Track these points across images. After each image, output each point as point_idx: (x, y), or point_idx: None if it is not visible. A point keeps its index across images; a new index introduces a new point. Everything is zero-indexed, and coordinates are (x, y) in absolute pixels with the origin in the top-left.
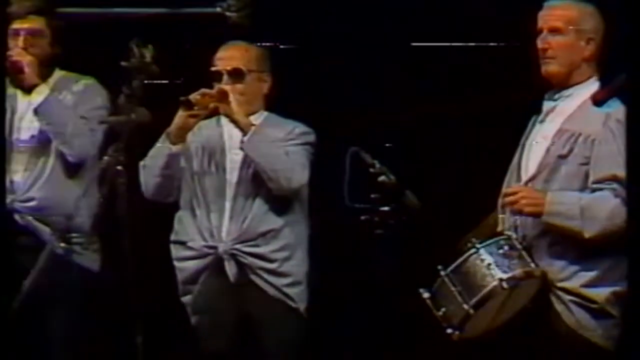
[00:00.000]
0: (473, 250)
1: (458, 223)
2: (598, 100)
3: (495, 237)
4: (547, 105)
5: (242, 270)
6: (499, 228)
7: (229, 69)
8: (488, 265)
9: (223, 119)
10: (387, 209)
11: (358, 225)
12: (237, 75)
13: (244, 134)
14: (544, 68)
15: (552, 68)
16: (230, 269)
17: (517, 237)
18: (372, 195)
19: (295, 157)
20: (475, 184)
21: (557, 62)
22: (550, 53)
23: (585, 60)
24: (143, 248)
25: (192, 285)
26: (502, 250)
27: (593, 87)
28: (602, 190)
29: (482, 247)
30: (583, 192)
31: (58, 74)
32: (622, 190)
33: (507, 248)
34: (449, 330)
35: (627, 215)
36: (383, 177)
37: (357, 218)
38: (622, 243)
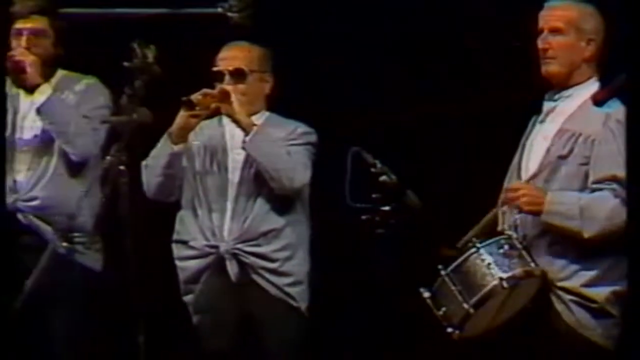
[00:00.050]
0: (473, 250)
1: (458, 223)
2: (598, 101)
3: (496, 236)
4: (547, 106)
5: (243, 270)
6: (499, 227)
7: (231, 69)
8: (488, 265)
9: (225, 119)
10: (388, 209)
11: (359, 225)
12: (239, 76)
13: (246, 134)
14: (544, 68)
15: (552, 68)
16: (232, 269)
17: (517, 236)
18: (373, 195)
19: (297, 157)
20: (475, 184)
21: (557, 62)
22: (551, 53)
23: (586, 61)
24: (145, 247)
25: (193, 285)
26: (502, 250)
27: (593, 87)
28: (601, 191)
29: (482, 246)
30: (583, 192)
31: (60, 74)
32: (621, 191)
33: (507, 247)
34: (450, 330)
35: (626, 215)
36: (384, 176)
37: (358, 218)
38: (621, 243)
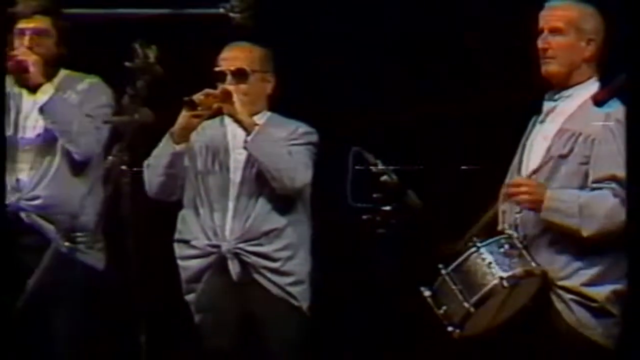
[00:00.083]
0: (474, 249)
1: (458, 223)
2: (598, 101)
3: (496, 235)
4: (547, 106)
5: (245, 269)
6: (500, 227)
7: (233, 70)
8: (489, 264)
9: (227, 119)
10: (389, 209)
11: (360, 225)
12: (240, 76)
13: (248, 134)
14: (544, 68)
15: (552, 68)
16: (234, 268)
17: (517, 236)
18: (374, 195)
19: (299, 156)
20: (475, 184)
21: (557, 62)
22: (551, 53)
23: (586, 61)
24: (146, 247)
25: (195, 284)
26: (502, 249)
27: (593, 87)
28: (601, 190)
29: (482, 245)
30: (583, 191)
31: (63, 73)
32: (620, 190)
33: (507, 247)
34: (450, 329)
35: (626, 215)
36: (385, 176)
37: (359, 217)
38: (621, 242)
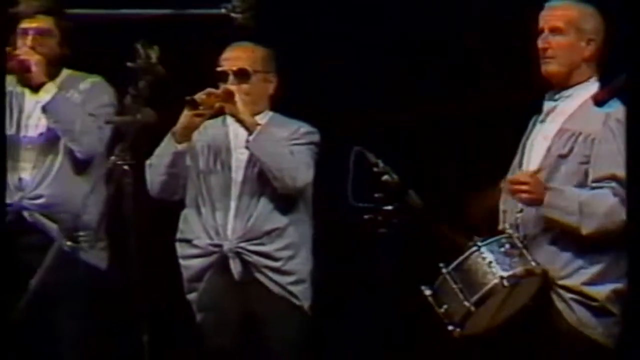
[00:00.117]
0: (474, 248)
1: (458, 223)
2: (599, 101)
3: (497, 234)
4: (547, 105)
5: (246, 269)
6: (500, 226)
7: (235, 70)
8: (489, 263)
9: (229, 119)
10: (390, 208)
11: (361, 224)
12: (242, 76)
13: (250, 134)
14: (544, 67)
15: (552, 68)
16: (235, 267)
17: (518, 235)
18: (375, 195)
19: (300, 156)
20: (475, 184)
21: (557, 61)
22: (550, 53)
23: (585, 61)
24: (149, 246)
25: (197, 283)
26: (503, 249)
27: (593, 87)
28: (601, 189)
29: (483, 245)
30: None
31: (65, 73)
32: (620, 189)
33: (508, 246)
34: (451, 328)
35: (626, 215)
36: (386, 176)
37: (360, 217)
38: (621, 241)
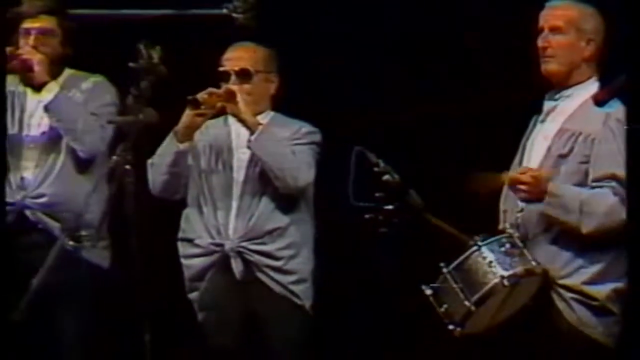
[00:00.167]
0: (475, 248)
1: (458, 223)
2: (599, 101)
3: (497, 234)
4: (547, 105)
5: (248, 268)
6: (501, 226)
7: (237, 70)
8: (489, 263)
9: (230, 119)
10: (391, 208)
11: (362, 224)
12: (244, 76)
13: (251, 133)
14: (544, 67)
15: (551, 67)
16: (237, 267)
17: (518, 234)
18: (376, 194)
19: (302, 156)
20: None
21: (556, 61)
22: (550, 52)
23: (585, 61)
24: (150, 246)
25: (198, 283)
26: (503, 248)
27: (593, 87)
28: (601, 188)
29: (483, 244)
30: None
31: (67, 73)
32: (620, 189)
33: (508, 246)
34: (451, 327)
35: (626, 214)
36: (387, 176)
37: (361, 217)
38: (621, 240)
